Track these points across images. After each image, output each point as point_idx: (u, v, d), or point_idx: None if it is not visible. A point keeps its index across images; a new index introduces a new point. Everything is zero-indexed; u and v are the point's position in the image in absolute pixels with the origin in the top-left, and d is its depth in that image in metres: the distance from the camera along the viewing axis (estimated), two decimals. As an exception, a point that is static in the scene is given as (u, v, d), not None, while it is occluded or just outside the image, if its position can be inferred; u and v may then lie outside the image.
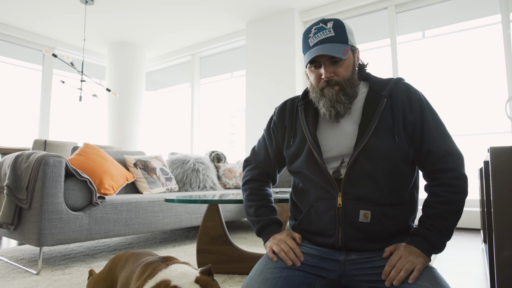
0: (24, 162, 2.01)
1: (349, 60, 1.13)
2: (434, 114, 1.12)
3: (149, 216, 2.52)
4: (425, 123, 1.10)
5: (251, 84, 5.16)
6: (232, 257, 1.95)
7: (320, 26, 1.12)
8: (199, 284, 0.98)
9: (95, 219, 2.19)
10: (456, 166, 1.07)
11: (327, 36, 1.10)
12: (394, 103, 1.11)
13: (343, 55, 1.07)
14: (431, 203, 1.09)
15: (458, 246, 2.68)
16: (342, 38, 1.11)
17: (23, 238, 2.01)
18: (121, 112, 5.86)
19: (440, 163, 1.08)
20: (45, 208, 1.93)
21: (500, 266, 0.96)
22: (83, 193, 2.16)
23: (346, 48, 1.09)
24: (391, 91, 1.13)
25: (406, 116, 1.09)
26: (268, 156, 1.34)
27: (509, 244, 0.94)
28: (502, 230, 0.96)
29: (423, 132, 1.09)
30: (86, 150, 2.73)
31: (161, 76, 7.02)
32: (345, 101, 1.12)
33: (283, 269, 1.14)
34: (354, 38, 1.17)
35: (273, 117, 1.33)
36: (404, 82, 1.16)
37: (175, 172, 3.53)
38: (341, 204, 1.11)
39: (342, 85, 1.12)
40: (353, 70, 1.15)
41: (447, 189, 1.06)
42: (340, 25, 1.12)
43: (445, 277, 1.87)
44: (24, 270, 2.00)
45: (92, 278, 1.42)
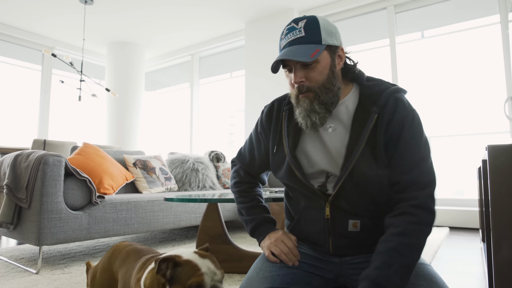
0: (23, 162, 2.02)
1: (324, 62, 1.02)
2: (414, 137, 0.98)
3: (149, 215, 2.52)
4: (400, 145, 0.98)
5: (251, 84, 5.17)
6: (231, 256, 1.96)
7: (291, 26, 1.04)
8: (197, 254, 1.01)
9: (95, 219, 2.19)
10: (422, 194, 0.94)
11: (296, 37, 1.01)
12: (382, 120, 1.00)
13: (309, 58, 0.97)
14: (387, 236, 0.94)
15: (457, 245, 2.69)
16: (313, 38, 1.00)
17: (23, 237, 2.01)
18: (120, 112, 5.86)
19: (405, 191, 0.96)
20: (44, 207, 1.93)
21: (498, 265, 0.97)
22: (82, 193, 2.16)
23: (317, 50, 0.98)
24: (384, 106, 1.00)
25: (386, 136, 0.99)
26: (254, 159, 1.29)
27: (507, 243, 0.94)
28: (500, 229, 0.96)
29: (394, 155, 0.99)
30: (85, 149, 2.73)
31: (160, 76, 7.02)
32: (319, 111, 1.02)
33: (281, 267, 1.14)
34: (334, 35, 1.04)
35: (261, 118, 1.25)
36: (396, 97, 1.02)
37: (174, 172, 3.53)
38: (329, 216, 1.08)
39: (316, 92, 1.02)
40: (330, 72, 1.03)
41: (407, 219, 0.93)
42: (313, 24, 1.01)
43: (444, 276, 1.88)
44: (23, 269, 2.00)
45: (93, 269, 1.42)
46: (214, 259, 1.04)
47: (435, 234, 3.08)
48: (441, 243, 2.72)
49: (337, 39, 1.05)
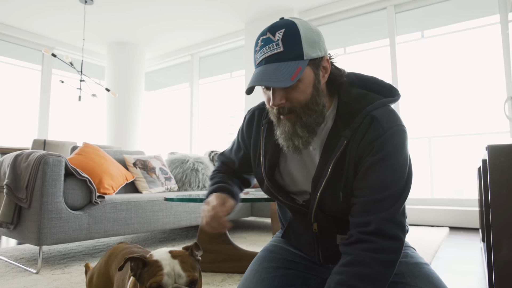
0: (23, 161, 2.02)
1: (307, 80, 0.88)
2: (383, 158, 0.86)
3: (149, 215, 2.53)
4: (364, 167, 0.87)
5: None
6: (231, 256, 1.96)
7: (267, 37, 0.88)
8: (171, 254, 0.96)
9: (95, 218, 2.19)
10: (376, 219, 0.83)
11: (274, 52, 0.86)
12: (352, 145, 0.89)
13: (289, 81, 0.83)
14: (337, 267, 0.86)
15: (457, 245, 2.69)
16: (293, 53, 0.86)
17: (23, 237, 2.01)
18: (120, 112, 5.86)
19: (359, 215, 0.86)
20: (44, 207, 1.93)
21: (498, 264, 0.97)
22: (82, 192, 2.16)
23: (298, 68, 0.84)
24: (357, 129, 0.89)
25: (355, 162, 0.89)
26: (236, 163, 1.23)
27: (507, 243, 0.94)
28: (500, 229, 0.96)
29: (356, 178, 0.89)
30: (85, 149, 2.73)
31: (160, 76, 7.02)
32: (302, 134, 0.90)
33: (278, 269, 1.15)
34: (317, 45, 0.89)
35: (243, 127, 1.17)
36: (372, 116, 0.88)
37: (174, 172, 3.53)
38: (316, 230, 1.04)
39: (298, 113, 0.90)
40: (314, 90, 0.90)
41: (360, 246, 0.83)
42: (293, 34, 0.86)
43: (444, 276, 1.88)
44: (23, 269, 2.00)
45: (90, 271, 1.42)
46: (188, 260, 0.97)
47: (435, 234, 3.09)
48: (441, 243, 2.73)
49: (321, 49, 0.90)
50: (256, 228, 3.46)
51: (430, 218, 3.62)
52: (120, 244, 1.39)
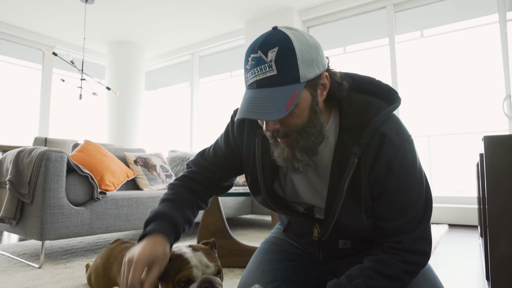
0: (26, 157, 2.03)
1: (303, 103, 0.81)
2: (402, 181, 0.85)
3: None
4: (386, 191, 0.85)
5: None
6: (232, 251, 1.98)
7: (259, 56, 0.78)
8: (191, 247, 0.96)
9: (97, 214, 2.20)
10: (407, 239, 0.86)
11: (266, 76, 0.77)
12: (365, 163, 0.84)
13: (284, 111, 0.76)
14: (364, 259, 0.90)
15: (456, 242, 2.71)
16: (289, 76, 0.77)
17: (25, 232, 2.03)
18: (120, 111, 5.87)
19: (389, 237, 0.88)
20: (47, 203, 1.95)
21: (494, 258, 0.99)
22: (84, 188, 2.18)
23: (294, 94, 0.76)
24: (367, 145, 0.84)
25: (370, 180, 0.86)
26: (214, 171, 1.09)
27: (504, 238, 0.96)
28: (496, 221, 0.98)
29: (378, 200, 0.87)
30: (87, 147, 2.75)
31: (160, 75, 7.04)
32: (302, 159, 0.85)
33: (281, 261, 1.16)
34: (315, 62, 0.80)
35: (232, 131, 1.05)
36: (381, 133, 0.84)
37: (175, 169, 3.55)
38: (317, 237, 1.02)
39: (295, 137, 0.84)
40: (311, 113, 0.83)
41: (389, 255, 0.87)
42: (288, 54, 0.76)
43: (443, 271, 1.90)
44: (26, 264, 2.02)
45: (88, 272, 1.43)
46: (210, 252, 0.98)
47: (435, 231, 3.10)
48: (440, 239, 2.75)
49: (319, 66, 0.81)
50: (256, 226, 3.48)
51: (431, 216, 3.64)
52: (116, 244, 1.38)
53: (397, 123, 0.87)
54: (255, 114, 0.77)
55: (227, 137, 1.06)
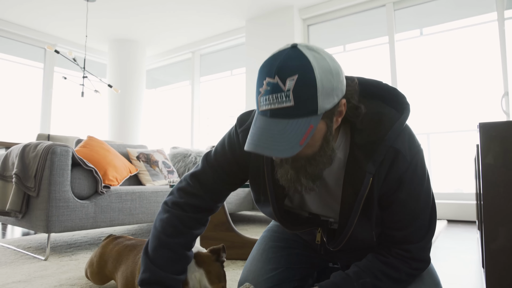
0: (32, 152, 2.07)
1: (318, 134, 0.78)
2: (412, 194, 0.86)
3: (153, 205, 2.58)
4: (395, 203, 0.87)
5: (251, 81, 5.22)
6: (234, 243, 2.01)
7: (275, 83, 0.72)
8: (195, 260, 0.97)
9: (101, 208, 2.24)
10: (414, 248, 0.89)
11: (282, 106, 0.72)
12: (379, 179, 0.84)
13: (298, 147, 0.71)
14: (372, 257, 0.94)
15: (455, 236, 2.75)
16: (306, 109, 0.72)
17: (31, 225, 2.06)
18: (122, 109, 5.90)
19: (397, 245, 0.91)
20: (52, 196, 1.98)
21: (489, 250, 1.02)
22: (89, 182, 2.22)
23: (310, 127, 0.72)
24: (381, 163, 0.83)
25: (380, 192, 0.86)
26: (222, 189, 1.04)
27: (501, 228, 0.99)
28: (491, 210, 1.01)
29: (387, 211, 0.89)
30: (90, 142, 2.78)
31: (161, 73, 7.07)
32: (306, 184, 0.83)
33: (284, 248, 1.20)
34: (335, 90, 0.75)
35: (239, 142, 0.99)
36: (395, 150, 0.82)
37: (177, 166, 3.59)
38: (319, 241, 1.05)
39: (303, 164, 0.81)
40: (324, 141, 0.79)
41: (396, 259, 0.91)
42: (308, 84, 0.71)
43: (441, 264, 1.94)
44: (32, 256, 2.05)
45: (86, 270, 1.48)
46: (214, 268, 0.97)
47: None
48: (438, 234, 2.78)
49: (338, 93, 0.76)
50: (257, 222, 3.51)
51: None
52: (107, 240, 1.42)
53: (409, 136, 0.87)
54: (267, 150, 0.72)
55: (232, 147, 1.00)
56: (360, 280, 0.90)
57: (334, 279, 0.93)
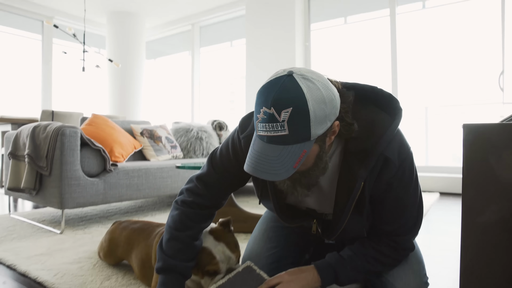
0: (42, 133, 2.16)
1: (311, 155, 0.85)
2: (399, 195, 0.96)
3: (158, 181, 2.70)
4: (385, 201, 0.97)
5: (251, 53, 5.21)
6: (237, 217, 2.15)
7: (271, 113, 0.77)
8: (213, 236, 1.12)
9: (110, 185, 2.36)
10: (401, 240, 1.02)
11: (278, 134, 0.78)
12: (369, 182, 0.93)
13: (292, 170, 0.80)
14: (365, 242, 1.04)
15: (445, 208, 2.89)
16: (300, 136, 0.78)
17: (45, 201, 2.19)
18: (122, 81, 5.92)
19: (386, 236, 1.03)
20: (64, 175, 2.09)
21: (465, 224, 1.12)
22: (97, 161, 2.32)
23: (303, 152, 0.80)
24: (372, 169, 0.91)
25: (372, 192, 0.96)
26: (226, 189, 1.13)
27: (478, 206, 1.08)
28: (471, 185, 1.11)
29: (377, 207, 0.98)
30: (95, 120, 2.86)
31: (160, 44, 7.01)
32: (301, 192, 0.93)
33: (283, 228, 1.32)
34: (329, 115, 0.81)
35: (241, 147, 1.06)
36: (385, 157, 0.90)
37: (179, 140, 3.68)
38: (315, 231, 1.15)
39: (298, 177, 0.90)
40: (318, 158, 0.87)
41: (386, 247, 1.03)
42: (301, 116, 0.77)
43: (431, 236, 2.08)
44: (48, 230, 2.19)
45: (98, 252, 1.62)
46: (230, 238, 1.12)
47: (426, 198, 3.29)
48: (430, 207, 2.93)
49: (331, 118, 0.82)
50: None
51: (424, 185, 3.82)
52: (114, 226, 1.56)
53: (400, 142, 0.94)
54: (264, 174, 0.80)
55: (235, 152, 1.07)
56: (352, 263, 1.02)
57: (330, 260, 1.05)
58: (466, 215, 0.95)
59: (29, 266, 1.54)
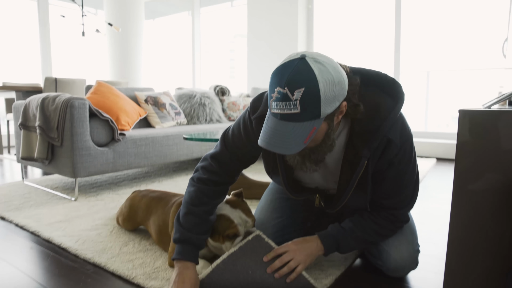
0: (51, 104, 2.21)
1: (320, 132, 0.92)
2: (399, 173, 1.05)
3: (165, 149, 2.79)
4: (385, 179, 1.06)
5: (253, 12, 5.10)
6: (242, 185, 2.25)
7: (285, 93, 0.84)
8: (229, 204, 1.23)
9: (118, 153, 2.45)
10: (398, 214, 1.13)
11: (290, 112, 0.85)
12: (372, 161, 1.01)
13: (302, 145, 0.87)
14: (364, 215, 1.14)
15: (441, 174, 3.00)
16: (310, 115, 0.85)
17: (58, 170, 2.28)
18: (122, 44, 5.83)
19: (384, 210, 1.13)
20: (75, 145, 2.17)
21: (456, 190, 1.20)
22: (106, 131, 2.39)
23: (313, 129, 0.86)
24: (375, 149, 0.99)
25: (373, 170, 1.04)
26: (238, 166, 1.22)
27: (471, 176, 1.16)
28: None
29: (377, 183, 1.07)
30: (100, 88, 2.89)
31: (159, 4, 6.81)
32: (309, 167, 1.00)
33: (287, 200, 1.42)
34: (338, 96, 0.87)
35: (252, 128, 1.13)
36: (388, 138, 0.98)
37: (183, 107, 3.72)
38: (318, 205, 1.25)
39: (307, 153, 0.97)
40: (326, 137, 0.94)
41: (384, 220, 1.13)
42: (313, 96, 0.83)
43: (426, 202, 2.20)
44: (62, 197, 2.31)
45: (117, 217, 1.74)
46: (244, 205, 1.23)
47: (423, 164, 3.39)
48: (426, 173, 3.04)
49: (339, 98, 0.89)
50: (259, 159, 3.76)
51: (421, 150, 3.91)
52: (134, 194, 1.67)
53: (402, 124, 1.03)
54: (277, 148, 0.88)
55: (247, 133, 1.15)
56: (353, 234, 1.14)
57: (332, 231, 1.15)
58: (458, 183, 1.03)
59: (51, 233, 1.66)
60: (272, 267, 1.08)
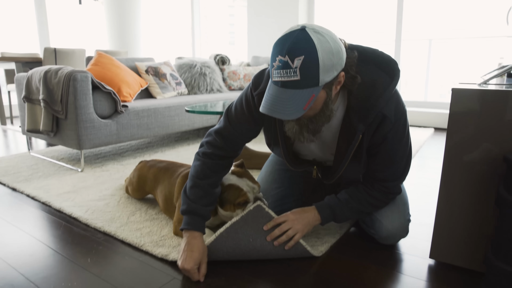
0: (54, 78, 2.23)
1: (319, 100, 0.96)
2: (393, 147, 1.10)
3: (167, 120, 2.83)
4: (379, 153, 1.11)
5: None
6: (243, 155, 2.32)
7: (286, 61, 0.88)
8: (235, 174, 1.30)
9: (122, 125, 2.49)
10: (391, 185, 1.19)
11: (290, 79, 0.89)
12: (367, 136, 1.07)
13: (302, 111, 0.91)
14: (359, 187, 1.21)
15: (438, 144, 3.06)
16: (310, 82, 0.89)
17: (64, 143, 2.34)
18: (120, 12, 5.71)
19: (378, 182, 1.19)
20: (80, 118, 2.21)
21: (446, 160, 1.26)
22: (108, 103, 2.42)
23: (312, 96, 0.91)
24: (370, 124, 1.05)
25: (368, 144, 1.10)
26: (241, 141, 1.27)
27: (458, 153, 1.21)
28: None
29: (371, 157, 1.13)
30: (100, 59, 2.89)
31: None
32: (307, 137, 1.05)
33: (286, 171, 1.48)
34: (335, 66, 0.91)
35: (254, 104, 1.18)
36: (383, 114, 1.03)
37: (183, 77, 3.72)
38: (315, 176, 1.31)
39: (306, 122, 1.02)
40: (324, 106, 0.99)
41: (377, 192, 1.20)
42: (312, 63, 0.87)
43: (423, 172, 2.27)
44: (69, 168, 2.38)
45: (126, 187, 1.81)
46: (248, 174, 1.32)
47: (420, 134, 3.44)
48: (423, 143, 3.09)
49: (337, 68, 0.93)
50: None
51: (420, 120, 3.94)
52: (142, 164, 1.73)
53: (396, 101, 1.07)
54: (277, 113, 0.93)
55: (249, 108, 1.20)
56: (348, 205, 1.21)
57: (328, 202, 1.23)
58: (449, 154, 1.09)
59: (61, 203, 1.74)
60: (272, 235, 1.17)
